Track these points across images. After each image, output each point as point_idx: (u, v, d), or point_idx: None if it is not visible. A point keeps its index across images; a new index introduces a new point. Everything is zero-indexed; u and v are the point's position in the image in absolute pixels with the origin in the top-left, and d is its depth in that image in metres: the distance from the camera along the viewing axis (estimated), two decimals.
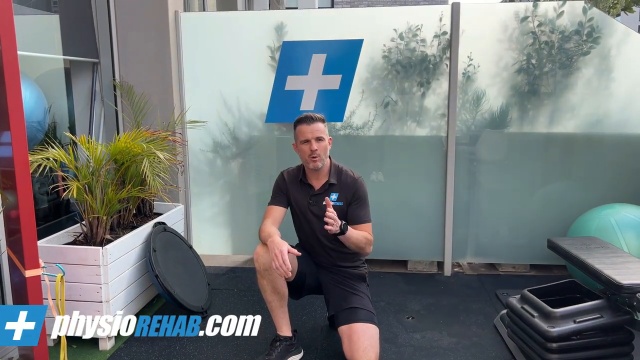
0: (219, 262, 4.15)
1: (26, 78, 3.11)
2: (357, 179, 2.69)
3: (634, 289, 2.22)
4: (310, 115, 2.62)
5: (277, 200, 2.76)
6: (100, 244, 2.85)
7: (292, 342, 2.64)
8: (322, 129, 2.61)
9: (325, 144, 2.61)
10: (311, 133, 2.58)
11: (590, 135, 3.78)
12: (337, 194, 2.67)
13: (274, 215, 2.71)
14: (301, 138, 2.61)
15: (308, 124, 2.59)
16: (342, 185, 2.67)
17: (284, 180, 2.78)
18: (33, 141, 3.10)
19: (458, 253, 3.96)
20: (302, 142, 2.61)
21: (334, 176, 2.69)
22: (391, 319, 3.14)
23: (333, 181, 2.67)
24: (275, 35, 3.88)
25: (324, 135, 2.61)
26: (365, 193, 2.69)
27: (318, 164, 2.60)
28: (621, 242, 3.09)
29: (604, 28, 3.62)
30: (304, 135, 2.59)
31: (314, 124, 2.58)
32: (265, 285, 2.61)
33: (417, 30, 3.76)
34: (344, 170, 2.73)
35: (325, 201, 2.49)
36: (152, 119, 3.78)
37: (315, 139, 2.57)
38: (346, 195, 2.66)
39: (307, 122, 2.59)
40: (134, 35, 3.87)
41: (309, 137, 2.58)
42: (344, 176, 2.70)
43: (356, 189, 2.66)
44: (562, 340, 2.30)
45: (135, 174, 3.19)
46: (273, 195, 2.79)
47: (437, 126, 3.85)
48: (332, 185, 2.68)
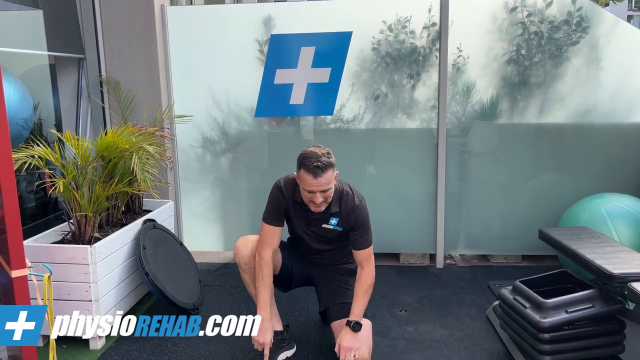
0: (210, 259, 4.12)
1: (10, 75, 3.06)
2: (357, 205, 2.47)
3: (625, 278, 2.22)
4: (318, 164, 2.25)
5: (276, 219, 2.52)
6: (89, 242, 2.81)
7: (283, 336, 2.62)
8: (330, 178, 2.31)
9: (332, 190, 2.37)
10: (317, 186, 2.30)
11: (580, 125, 3.78)
12: (337, 219, 2.50)
13: (273, 239, 2.51)
14: (305, 187, 2.34)
15: (315, 177, 2.27)
16: (343, 211, 2.48)
17: (282, 196, 2.51)
18: (18, 139, 3.05)
19: (450, 245, 3.96)
20: (306, 190, 2.35)
21: (336, 204, 2.46)
22: (384, 312, 3.14)
23: (335, 210, 2.47)
24: (263, 28, 3.84)
25: (331, 183, 2.34)
26: (366, 218, 2.49)
27: (322, 208, 2.41)
28: (612, 232, 3.10)
29: (593, 17, 3.61)
30: (309, 187, 2.32)
31: (322, 177, 2.27)
32: (248, 279, 2.60)
33: (406, 21, 3.74)
34: (345, 193, 2.49)
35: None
36: (140, 115, 3.73)
37: (320, 191, 2.34)
38: (347, 221, 2.49)
39: (314, 174, 2.26)
40: (120, 30, 3.81)
41: (314, 190, 2.32)
42: (345, 201, 2.47)
43: (356, 217, 2.46)
44: (554, 331, 2.30)
45: (123, 170, 3.16)
46: (270, 212, 2.53)
47: (428, 118, 3.84)
48: (333, 213, 2.50)
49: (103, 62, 3.86)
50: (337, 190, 2.47)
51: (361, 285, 2.48)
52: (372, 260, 2.53)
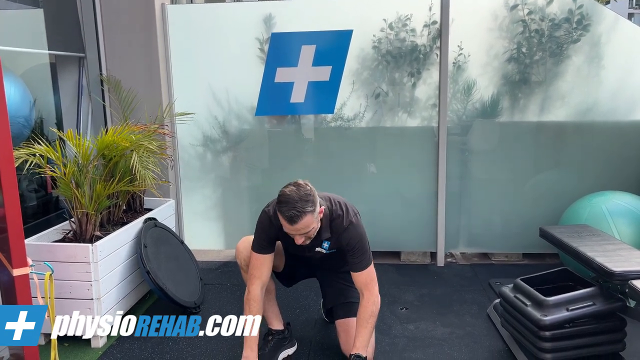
0: (211, 257, 4.12)
1: (10, 74, 3.06)
2: (346, 227, 2.33)
3: (626, 276, 2.22)
4: (292, 213, 2.11)
5: (266, 247, 2.38)
6: (90, 240, 2.82)
7: (284, 335, 2.63)
8: (309, 222, 2.16)
9: (315, 229, 2.24)
10: (295, 231, 2.18)
11: (580, 123, 3.78)
12: (329, 242, 2.40)
13: (263, 270, 2.38)
14: (284, 228, 2.22)
15: (290, 224, 2.15)
16: (334, 235, 2.37)
17: (272, 225, 2.35)
18: (19, 138, 3.05)
19: (451, 243, 3.96)
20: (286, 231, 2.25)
21: (327, 229, 2.35)
22: (385, 310, 3.14)
23: (326, 236, 2.36)
24: (263, 26, 3.84)
25: (311, 226, 2.19)
26: (359, 238, 2.34)
27: (306, 242, 2.29)
28: (613, 230, 3.10)
29: (594, 15, 3.61)
30: (287, 230, 2.21)
31: (297, 223, 2.14)
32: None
33: (406, 20, 3.73)
34: (336, 216, 2.35)
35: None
36: (140, 113, 3.74)
37: (300, 234, 2.21)
38: (339, 244, 2.38)
39: (289, 222, 2.14)
40: (120, 28, 3.82)
41: (292, 233, 2.22)
42: (336, 225, 2.35)
43: (348, 240, 2.33)
44: (555, 329, 2.31)
45: (124, 169, 3.16)
46: (259, 241, 2.39)
47: (428, 116, 3.83)
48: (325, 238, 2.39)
49: (104, 61, 3.86)
50: (328, 215, 2.34)
51: (361, 316, 2.35)
52: (374, 286, 2.38)
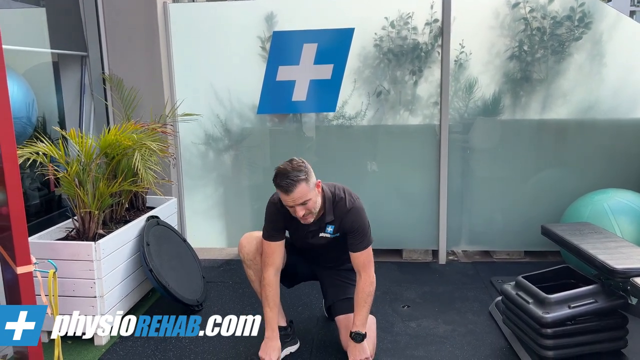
0: (213, 255, 4.13)
1: (13, 72, 3.07)
2: (350, 209, 2.43)
3: (628, 274, 2.23)
4: (287, 182, 2.23)
5: (276, 235, 2.50)
6: (93, 239, 2.83)
7: (287, 332, 2.64)
8: (304, 191, 2.26)
9: (313, 201, 2.32)
10: (292, 201, 2.28)
11: (582, 121, 3.78)
12: (333, 226, 2.48)
13: (275, 257, 2.50)
14: (284, 203, 2.35)
15: (286, 194, 2.26)
16: (337, 218, 2.46)
17: (278, 212, 2.46)
18: (22, 136, 3.06)
19: (452, 241, 3.97)
20: (287, 206, 2.35)
21: (330, 212, 2.45)
22: (387, 308, 3.15)
23: (329, 219, 2.46)
24: (265, 25, 3.84)
25: (307, 195, 2.28)
26: (361, 220, 2.44)
27: (309, 220, 2.38)
28: (614, 227, 3.10)
29: (596, 13, 3.61)
30: (285, 202, 2.32)
31: (294, 192, 2.24)
32: (252, 275, 2.61)
33: (408, 18, 3.73)
34: (338, 198, 2.46)
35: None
36: (143, 112, 3.74)
37: (298, 205, 2.29)
38: (342, 226, 2.47)
39: (285, 191, 2.25)
40: (123, 27, 3.82)
41: (290, 205, 2.31)
42: (339, 207, 2.45)
43: (351, 221, 2.43)
44: (556, 326, 2.31)
45: (127, 168, 3.17)
46: (269, 229, 2.51)
47: (430, 114, 3.84)
48: (328, 222, 2.48)
49: (106, 60, 3.87)
50: (330, 198, 2.44)
51: (359, 295, 2.43)
52: (371, 266, 2.47)
